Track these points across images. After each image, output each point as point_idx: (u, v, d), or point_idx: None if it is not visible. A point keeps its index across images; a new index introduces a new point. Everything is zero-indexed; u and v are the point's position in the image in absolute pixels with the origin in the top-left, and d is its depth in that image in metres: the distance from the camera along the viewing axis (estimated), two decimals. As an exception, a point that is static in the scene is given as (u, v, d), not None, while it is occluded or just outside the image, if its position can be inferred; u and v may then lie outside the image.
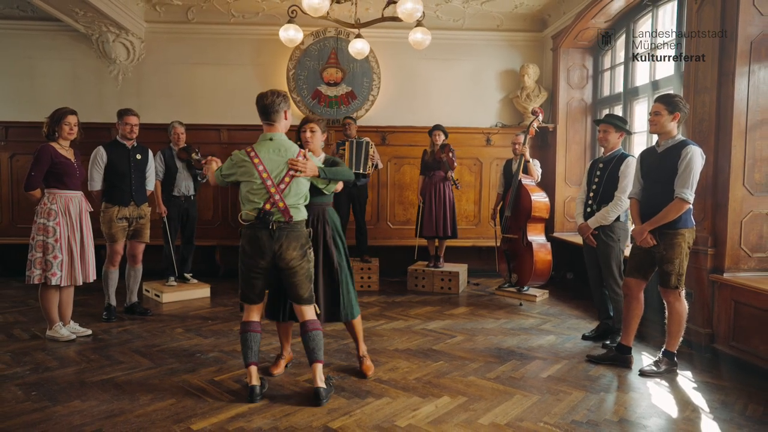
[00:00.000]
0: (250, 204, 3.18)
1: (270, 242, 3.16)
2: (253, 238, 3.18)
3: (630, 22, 6.16)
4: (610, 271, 4.28)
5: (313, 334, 3.23)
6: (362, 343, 3.75)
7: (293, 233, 3.19)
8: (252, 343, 3.27)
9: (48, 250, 4.08)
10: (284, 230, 3.17)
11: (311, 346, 3.23)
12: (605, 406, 3.20)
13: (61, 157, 4.14)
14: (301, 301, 3.28)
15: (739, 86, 3.93)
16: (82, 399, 3.16)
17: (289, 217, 3.16)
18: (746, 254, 4.03)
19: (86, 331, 4.42)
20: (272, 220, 3.13)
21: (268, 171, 3.14)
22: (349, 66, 7.24)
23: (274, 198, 3.13)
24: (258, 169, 3.13)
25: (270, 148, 3.18)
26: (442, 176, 6.12)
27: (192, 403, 3.16)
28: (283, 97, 3.23)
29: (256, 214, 3.15)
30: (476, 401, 3.24)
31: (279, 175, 3.15)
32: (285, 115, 3.24)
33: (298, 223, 3.22)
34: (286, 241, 3.17)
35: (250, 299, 3.32)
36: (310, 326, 3.25)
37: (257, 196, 3.15)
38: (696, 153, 3.50)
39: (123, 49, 6.99)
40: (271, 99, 3.18)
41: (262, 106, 3.21)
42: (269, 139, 3.21)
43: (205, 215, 7.10)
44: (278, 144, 3.19)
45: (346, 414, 3.05)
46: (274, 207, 3.13)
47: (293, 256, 3.19)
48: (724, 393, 3.40)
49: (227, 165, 3.28)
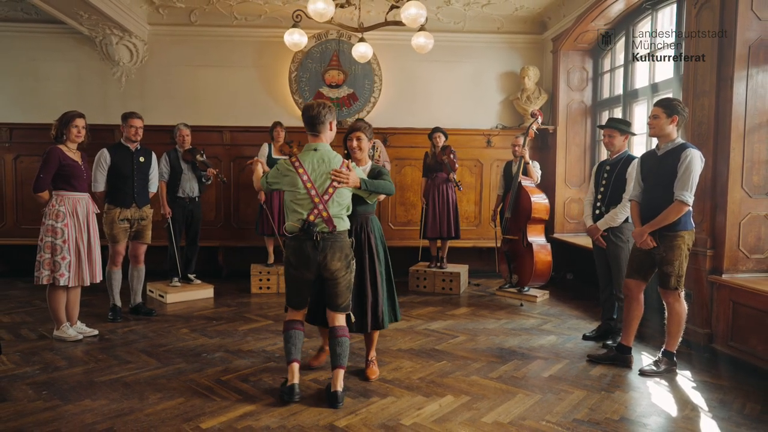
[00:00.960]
0: (295, 214, 3.20)
1: (315, 253, 3.18)
2: (298, 249, 3.21)
3: (629, 25, 6.22)
4: (619, 272, 4.32)
5: (341, 340, 3.27)
6: (374, 349, 3.80)
7: (337, 243, 3.21)
8: (296, 340, 3.30)
9: (56, 251, 4.14)
10: (328, 240, 3.19)
11: (338, 352, 3.26)
12: (606, 405, 3.26)
13: (68, 160, 4.20)
14: (337, 309, 3.32)
15: (737, 90, 3.99)
16: (92, 398, 3.22)
17: (333, 227, 3.18)
18: (744, 255, 4.10)
19: (93, 332, 4.48)
20: (316, 231, 3.16)
21: (312, 181, 3.16)
22: (350, 68, 7.29)
23: (318, 208, 3.15)
24: (302, 179, 3.16)
25: (314, 158, 3.21)
26: (444, 178, 6.18)
27: (200, 402, 3.21)
28: (329, 108, 3.25)
29: (300, 225, 3.17)
30: (479, 400, 3.30)
31: (323, 185, 3.17)
32: (330, 126, 3.27)
33: (342, 234, 3.24)
34: (330, 252, 3.19)
35: (296, 305, 3.38)
36: (339, 332, 3.29)
37: (301, 206, 3.18)
38: (696, 156, 3.56)
39: (126, 52, 7.04)
40: (317, 110, 3.21)
41: (308, 117, 3.23)
42: (314, 149, 3.23)
43: (208, 216, 7.14)
44: (322, 154, 3.22)
45: (352, 413, 3.10)
46: (318, 218, 3.16)
47: (337, 267, 3.22)
48: (723, 392, 3.46)
49: (273, 173, 3.32)
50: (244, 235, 7.19)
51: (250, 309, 5.50)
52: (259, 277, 6.26)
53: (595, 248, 4.54)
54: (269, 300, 5.89)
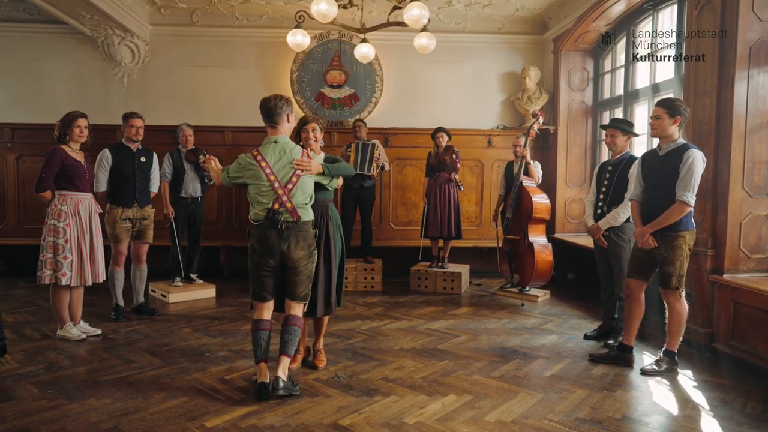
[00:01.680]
0: (260, 205, 3.30)
1: (279, 241, 3.27)
2: (263, 237, 3.29)
3: (630, 25, 6.24)
4: (621, 272, 4.33)
5: (292, 328, 3.36)
6: (323, 337, 3.94)
7: (301, 233, 3.31)
8: (261, 341, 3.35)
9: (58, 250, 4.15)
10: (292, 230, 3.29)
11: (286, 339, 3.34)
12: (608, 404, 3.27)
13: (71, 160, 4.21)
14: (296, 298, 3.41)
15: (738, 90, 4.00)
16: (97, 397, 3.23)
17: (297, 216, 3.28)
18: (745, 255, 4.11)
19: (96, 331, 4.49)
20: (281, 220, 3.24)
21: (275, 173, 3.25)
22: (352, 68, 7.31)
23: (282, 199, 3.25)
24: (265, 171, 3.25)
25: (275, 150, 3.30)
26: (446, 178, 6.20)
27: (204, 401, 3.22)
28: (285, 101, 3.35)
29: (265, 214, 3.25)
30: (482, 399, 3.32)
31: (286, 175, 3.27)
32: (288, 119, 3.36)
33: (306, 223, 3.34)
34: (294, 240, 3.29)
35: (261, 297, 3.41)
36: (292, 320, 3.38)
37: (266, 197, 3.28)
38: (697, 157, 3.57)
39: (128, 52, 7.06)
40: (274, 102, 3.31)
41: (265, 109, 3.33)
42: (274, 141, 3.33)
43: (210, 216, 7.16)
44: (282, 146, 3.32)
45: (355, 411, 3.12)
46: (282, 207, 3.24)
47: (300, 256, 3.32)
48: (724, 391, 3.48)
49: (234, 168, 3.37)
50: (245, 234, 7.19)
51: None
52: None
53: (597, 248, 4.56)
54: (271, 300, 5.90)
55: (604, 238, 4.39)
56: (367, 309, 5.49)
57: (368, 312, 5.38)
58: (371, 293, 6.24)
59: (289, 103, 3.36)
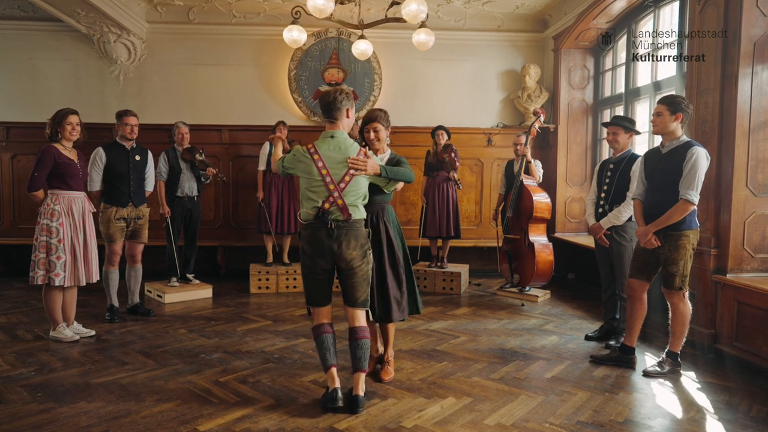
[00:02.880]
0: (309, 202, 3.14)
1: (329, 241, 3.09)
2: (313, 237, 3.14)
3: (631, 22, 6.17)
4: (622, 272, 4.27)
5: (362, 342, 3.17)
6: (391, 347, 3.70)
7: (352, 232, 3.12)
8: (329, 344, 3.20)
9: (51, 250, 4.08)
10: (343, 228, 3.10)
11: (358, 355, 3.17)
12: (610, 407, 3.20)
13: (64, 158, 4.14)
14: (355, 304, 3.21)
15: (742, 87, 3.93)
16: (88, 400, 3.16)
17: (348, 215, 3.10)
18: (749, 255, 4.05)
19: (89, 332, 4.42)
20: (331, 219, 3.08)
21: (328, 168, 3.08)
22: (350, 66, 7.24)
23: (333, 196, 3.08)
24: (317, 165, 3.08)
25: (331, 145, 3.13)
26: (445, 176, 6.13)
27: (197, 404, 3.16)
28: (346, 95, 3.17)
29: (315, 213, 3.10)
30: (481, 402, 3.25)
31: (339, 173, 3.09)
32: (347, 114, 3.17)
33: (357, 222, 3.15)
34: (345, 240, 3.10)
35: (317, 301, 3.25)
36: (360, 334, 3.19)
37: (316, 194, 3.11)
38: (701, 154, 3.51)
39: (124, 50, 6.98)
40: (334, 96, 3.13)
41: (325, 103, 3.16)
42: (330, 136, 3.14)
43: (207, 216, 7.09)
44: (339, 142, 3.14)
45: (352, 414, 3.05)
46: (333, 206, 3.08)
47: (353, 256, 3.13)
48: (729, 393, 3.41)
49: (289, 158, 3.23)
50: (243, 234, 7.14)
51: (249, 309, 5.44)
52: (258, 276, 6.21)
53: (598, 247, 4.49)
54: (268, 300, 5.84)
55: (606, 238, 4.32)
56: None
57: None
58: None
59: (350, 98, 3.18)
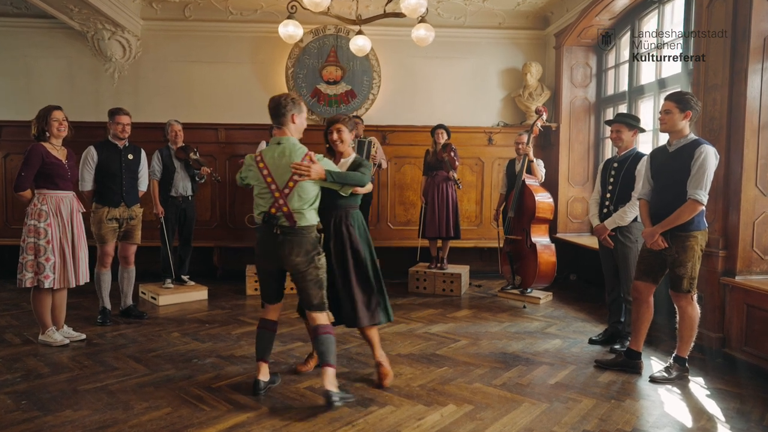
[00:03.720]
0: (258, 207, 3.21)
1: (274, 246, 3.15)
2: (261, 241, 3.23)
3: (635, 19, 6.06)
4: (628, 274, 4.15)
5: (323, 338, 3.19)
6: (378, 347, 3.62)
7: (297, 238, 3.13)
8: (263, 341, 3.32)
9: (40, 252, 3.96)
10: (288, 235, 3.12)
11: (321, 350, 3.20)
12: (617, 415, 3.09)
13: (52, 158, 4.01)
14: (310, 307, 3.26)
15: (751, 84, 3.81)
16: (74, 408, 3.04)
17: (293, 222, 3.11)
18: (759, 257, 3.93)
19: (80, 336, 4.29)
20: (277, 224, 3.12)
21: (273, 176, 3.11)
22: (348, 64, 7.12)
23: (278, 203, 3.10)
24: (263, 173, 3.13)
25: (276, 152, 3.15)
26: (444, 176, 6.01)
27: (188, 412, 3.04)
28: (291, 100, 3.18)
29: (262, 218, 3.16)
30: (483, 410, 3.13)
31: (283, 179, 3.10)
32: (293, 119, 3.18)
33: (304, 229, 3.15)
34: (289, 246, 3.13)
35: (267, 298, 3.37)
36: (321, 330, 3.22)
37: (264, 200, 3.17)
38: (710, 153, 3.39)
39: (119, 47, 6.86)
40: (277, 101, 3.16)
41: (270, 109, 3.20)
42: (277, 143, 3.19)
43: (203, 216, 6.98)
44: (285, 148, 3.14)
45: (348, 424, 2.93)
46: (279, 212, 3.11)
47: (297, 262, 3.15)
48: (740, 401, 3.29)
49: (243, 168, 3.31)
50: (239, 235, 7.01)
51: (245, 311, 5.33)
52: (255, 278, 6.08)
53: (602, 249, 4.37)
54: (265, 302, 5.71)
55: (610, 239, 4.21)
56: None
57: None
58: (368, 295, 6.03)
59: (295, 103, 3.19)
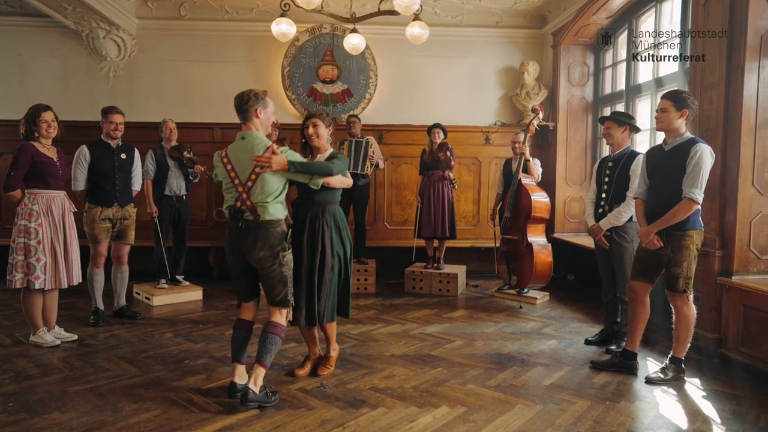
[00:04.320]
0: (225, 202, 3.27)
1: (239, 240, 3.17)
2: (228, 235, 3.25)
3: (632, 18, 6.02)
4: (623, 274, 4.12)
5: (267, 335, 3.19)
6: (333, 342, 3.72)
7: (261, 232, 3.13)
8: (237, 341, 3.31)
9: (30, 252, 3.92)
10: (252, 229, 3.14)
11: (261, 347, 3.17)
12: (611, 417, 3.05)
13: (42, 156, 3.98)
14: (272, 302, 3.27)
15: (748, 82, 3.78)
16: (62, 410, 3.00)
17: (257, 215, 3.12)
18: (756, 256, 3.89)
19: (71, 337, 4.26)
20: (242, 218, 3.14)
21: (236, 170, 3.14)
22: (345, 63, 7.08)
23: (242, 197, 3.14)
24: (227, 168, 3.17)
25: (240, 146, 3.18)
26: (440, 176, 5.97)
27: (178, 414, 3.00)
28: (254, 95, 3.18)
29: (228, 212, 3.21)
30: (476, 411, 3.10)
31: (244, 172, 3.12)
32: (257, 113, 3.18)
33: (268, 223, 3.14)
34: (253, 240, 3.13)
35: (240, 296, 3.39)
36: (269, 328, 3.22)
37: (230, 194, 3.21)
38: (705, 151, 3.36)
39: (114, 46, 6.83)
40: (240, 98, 3.18)
41: (235, 105, 3.22)
42: (242, 138, 3.20)
43: (199, 216, 6.94)
44: (247, 142, 3.16)
45: (339, 426, 2.89)
46: (243, 205, 3.14)
47: (260, 256, 3.15)
48: (736, 402, 3.25)
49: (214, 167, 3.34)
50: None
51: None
52: (250, 278, 6.04)
53: (598, 249, 4.33)
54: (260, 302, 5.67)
55: (606, 239, 4.17)
56: (358, 312, 5.24)
57: (360, 315, 5.15)
58: (364, 295, 6.00)
59: (259, 98, 3.19)
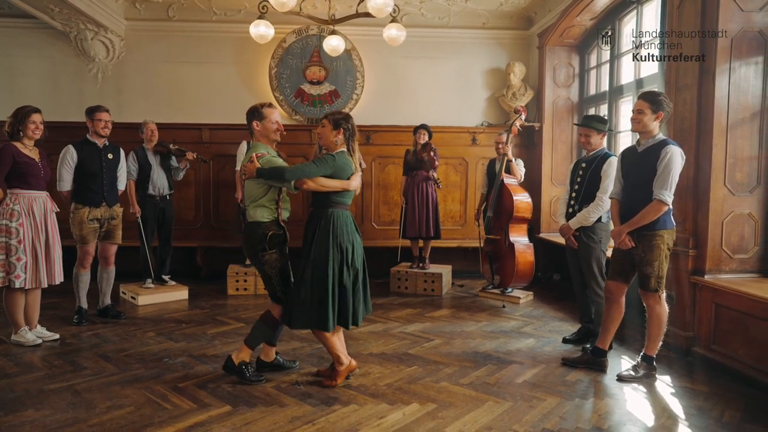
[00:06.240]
0: None
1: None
2: None
3: (615, 19, 6.07)
4: (591, 273, 4.19)
5: (257, 322, 3.54)
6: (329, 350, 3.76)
7: (246, 232, 3.48)
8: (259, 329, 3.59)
9: (11, 252, 3.97)
10: (245, 229, 3.50)
11: (252, 330, 3.54)
12: (579, 413, 3.10)
13: (24, 157, 4.02)
14: (270, 296, 3.54)
15: (720, 84, 3.83)
16: (37, 408, 3.05)
17: (246, 217, 3.48)
18: (728, 256, 3.94)
19: (53, 336, 4.30)
20: (243, 219, 3.58)
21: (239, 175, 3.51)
22: (332, 64, 7.13)
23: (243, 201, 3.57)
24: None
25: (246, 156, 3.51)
26: (424, 176, 6.01)
27: (151, 410, 3.05)
28: (252, 111, 3.48)
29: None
30: (445, 408, 3.14)
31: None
32: (254, 126, 3.48)
33: (253, 225, 3.43)
34: (243, 239, 3.54)
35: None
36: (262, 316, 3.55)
37: None
38: (675, 153, 3.40)
39: (102, 47, 6.86)
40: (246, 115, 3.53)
41: None
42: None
43: (187, 216, 6.99)
44: (249, 151, 3.48)
45: (309, 422, 2.94)
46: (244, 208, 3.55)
47: (247, 254, 3.57)
48: (702, 399, 3.30)
49: None
50: (223, 235, 7.02)
51: (225, 311, 5.33)
52: (236, 278, 6.08)
53: (568, 248, 4.37)
54: (246, 302, 5.72)
55: (575, 239, 4.22)
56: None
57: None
58: (349, 295, 6.03)
59: (254, 112, 3.46)
